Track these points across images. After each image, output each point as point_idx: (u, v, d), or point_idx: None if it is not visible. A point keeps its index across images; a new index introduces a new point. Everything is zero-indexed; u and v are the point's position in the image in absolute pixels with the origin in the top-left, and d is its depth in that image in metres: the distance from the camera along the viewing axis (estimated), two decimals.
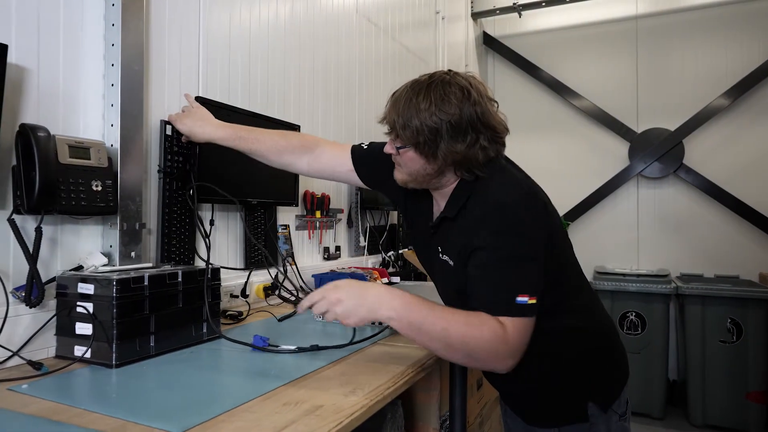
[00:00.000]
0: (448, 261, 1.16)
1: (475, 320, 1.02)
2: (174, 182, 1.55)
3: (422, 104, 1.07)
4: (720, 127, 4.09)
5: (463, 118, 1.06)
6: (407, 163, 1.15)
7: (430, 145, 1.08)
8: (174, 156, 1.55)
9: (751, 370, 3.31)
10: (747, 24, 4.02)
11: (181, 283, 1.24)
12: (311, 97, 2.34)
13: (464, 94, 1.07)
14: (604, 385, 1.19)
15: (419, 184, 1.19)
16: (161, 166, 1.52)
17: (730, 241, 4.04)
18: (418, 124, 1.07)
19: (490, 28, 4.90)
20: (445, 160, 1.10)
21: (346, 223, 2.60)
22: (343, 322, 1.05)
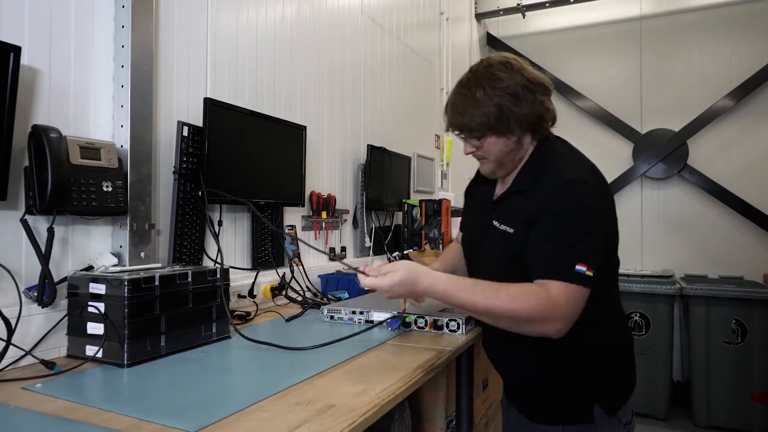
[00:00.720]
0: (506, 230, 1.22)
1: (518, 293, 1.08)
2: (188, 183, 1.56)
3: (477, 93, 1.18)
4: (724, 128, 4.08)
5: (516, 85, 1.17)
6: (491, 150, 1.24)
7: (502, 121, 1.18)
8: (189, 157, 1.56)
9: (756, 371, 3.30)
10: (751, 24, 4.01)
11: (191, 283, 1.24)
12: (317, 98, 2.35)
13: (506, 66, 1.19)
14: (614, 390, 1.21)
15: (505, 167, 1.27)
16: (176, 167, 1.53)
17: (734, 242, 4.04)
18: (484, 110, 1.18)
19: (494, 28, 4.90)
20: (520, 127, 1.20)
21: (352, 224, 2.60)
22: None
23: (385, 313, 1.52)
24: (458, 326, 1.43)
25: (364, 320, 1.56)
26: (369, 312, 1.55)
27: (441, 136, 3.80)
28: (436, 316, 1.46)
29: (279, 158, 1.93)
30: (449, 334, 1.43)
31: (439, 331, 1.45)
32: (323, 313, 1.62)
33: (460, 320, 1.43)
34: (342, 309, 1.59)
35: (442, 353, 1.23)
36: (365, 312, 1.56)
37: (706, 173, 4.10)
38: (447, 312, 1.52)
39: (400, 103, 3.18)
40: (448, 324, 1.44)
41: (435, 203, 2.81)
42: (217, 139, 1.61)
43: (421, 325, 1.48)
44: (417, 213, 2.85)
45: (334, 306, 1.63)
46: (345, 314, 1.59)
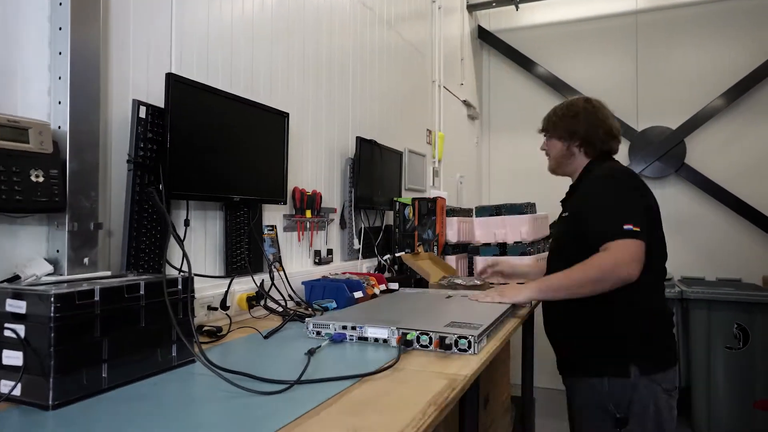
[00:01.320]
0: (564, 215, 1.71)
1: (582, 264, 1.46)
2: (146, 175, 1.31)
3: (560, 111, 1.76)
4: (722, 126, 3.96)
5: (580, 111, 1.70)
6: (551, 149, 1.78)
7: (564, 130, 1.72)
8: (148, 144, 1.31)
9: (759, 378, 3.17)
10: (749, 20, 3.89)
11: (143, 296, 1.00)
12: (301, 83, 2.11)
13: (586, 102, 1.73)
14: (649, 356, 1.48)
15: (561, 167, 1.78)
16: (131, 155, 1.28)
17: (732, 242, 3.91)
18: (556, 119, 1.75)
19: (485, 21, 4.72)
20: (572, 138, 1.70)
21: (339, 224, 2.37)
22: (508, 300, 1.61)
23: (382, 329, 1.29)
24: (469, 345, 1.20)
25: (357, 336, 1.32)
26: (363, 327, 1.31)
27: (433, 131, 3.59)
28: (443, 332, 1.23)
29: (257, 148, 1.69)
30: (459, 354, 1.21)
31: (446, 351, 1.22)
32: (308, 328, 1.38)
33: (471, 337, 1.20)
34: (330, 323, 1.35)
35: (456, 381, 1.00)
36: (358, 327, 1.32)
37: (704, 172, 3.97)
38: (455, 326, 1.29)
39: (390, 94, 2.95)
40: (457, 342, 1.22)
41: (429, 202, 2.59)
42: (181, 122, 1.36)
43: (424, 343, 1.24)
44: (409, 212, 2.62)
45: (319, 319, 1.39)
46: (333, 329, 1.35)
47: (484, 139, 4.79)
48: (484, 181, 4.79)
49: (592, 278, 1.42)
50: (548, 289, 1.53)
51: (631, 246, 1.39)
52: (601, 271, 1.41)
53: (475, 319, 1.37)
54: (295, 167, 2.04)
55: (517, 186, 4.44)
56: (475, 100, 4.58)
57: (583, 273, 1.44)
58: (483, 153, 4.80)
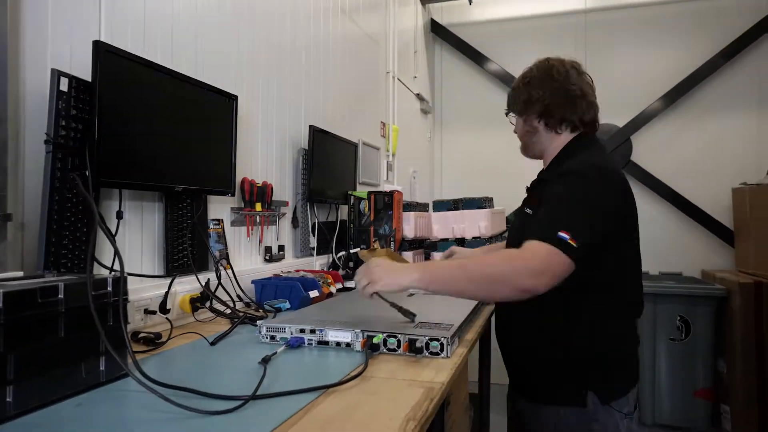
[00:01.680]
0: (528, 212, 1.37)
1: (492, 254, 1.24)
2: (70, 158, 1.12)
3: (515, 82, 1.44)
4: (665, 125, 4.09)
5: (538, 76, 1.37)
6: (516, 129, 1.46)
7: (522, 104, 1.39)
8: (71, 122, 1.12)
9: (699, 368, 3.28)
10: (692, 23, 4.03)
11: (62, 301, 0.83)
12: (251, 66, 1.94)
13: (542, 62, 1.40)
14: (609, 382, 1.25)
15: (527, 148, 1.45)
16: (50, 135, 1.09)
17: (673, 237, 4.05)
18: (513, 92, 1.43)
19: (438, 15, 4.66)
20: (527, 109, 1.38)
21: (291, 223, 2.22)
22: (377, 287, 1.16)
23: (345, 332, 1.17)
24: (442, 347, 1.11)
25: (316, 341, 1.19)
26: (323, 330, 1.19)
27: (387, 123, 3.49)
28: (413, 335, 1.13)
29: (202, 133, 1.52)
30: (430, 358, 1.11)
31: (416, 355, 1.12)
32: (260, 332, 1.24)
33: (444, 339, 1.11)
34: (286, 326, 1.22)
35: (433, 390, 0.90)
36: (318, 330, 1.19)
37: (648, 169, 4.09)
38: (424, 327, 1.19)
39: (344, 83, 2.82)
40: (428, 345, 1.11)
41: (385, 195, 2.48)
42: (112, 98, 1.18)
43: (392, 347, 1.14)
44: (365, 207, 2.51)
45: (273, 322, 1.25)
46: (290, 332, 1.22)
47: (437, 133, 4.74)
48: (437, 176, 4.75)
49: (487, 276, 1.11)
50: (434, 279, 1.14)
51: (550, 256, 1.08)
52: (500, 272, 1.10)
53: (443, 318, 1.28)
54: (244, 156, 1.88)
55: (469, 182, 4.42)
56: (428, 95, 4.52)
57: (480, 268, 1.13)
58: (435, 148, 4.75)
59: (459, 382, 2.29)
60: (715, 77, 3.94)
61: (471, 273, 1.12)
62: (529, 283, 1.07)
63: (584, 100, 1.34)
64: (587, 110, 1.34)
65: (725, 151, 3.94)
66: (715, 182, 3.93)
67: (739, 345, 3.13)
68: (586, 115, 1.34)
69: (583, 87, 1.34)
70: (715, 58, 3.90)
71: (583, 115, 1.34)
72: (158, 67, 1.35)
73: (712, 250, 3.97)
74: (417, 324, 1.23)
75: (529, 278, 1.07)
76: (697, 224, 3.98)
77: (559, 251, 1.08)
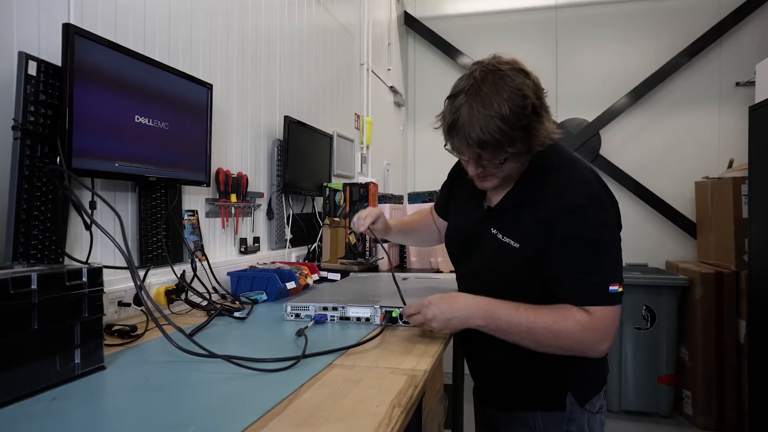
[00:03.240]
0: (510, 243, 1.13)
1: (558, 315, 1.05)
2: (39, 145, 1.08)
3: (503, 110, 1.00)
4: (632, 120, 4.20)
5: (535, 98, 1.03)
6: (506, 170, 1.11)
7: (528, 143, 1.04)
8: (40, 108, 1.08)
9: (663, 355, 3.40)
10: (656, 22, 4.14)
11: (36, 292, 0.80)
12: (225, 54, 1.90)
13: (522, 73, 1.05)
14: (586, 381, 1.21)
15: (510, 180, 1.16)
16: (18, 120, 1.05)
17: (639, 229, 4.18)
18: (512, 134, 1.01)
19: (411, 8, 4.66)
20: (539, 144, 1.07)
21: (266, 215, 2.19)
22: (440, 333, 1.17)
23: (365, 308, 1.28)
24: None
25: (338, 317, 1.31)
26: (345, 307, 1.30)
27: (361, 115, 3.47)
28: None
29: (176, 122, 1.48)
30: None
31: None
32: (286, 311, 1.35)
33: None
34: (310, 305, 1.32)
35: (415, 378, 0.91)
36: (340, 307, 1.30)
37: (616, 163, 4.19)
38: None
39: (319, 74, 2.79)
40: None
41: (361, 187, 2.47)
42: (84, 83, 1.14)
43: (407, 321, 1.24)
44: (340, 198, 2.49)
45: (296, 302, 1.35)
46: (314, 310, 1.32)
47: (410, 127, 4.76)
48: (410, 169, 4.77)
49: (558, 345, 1.06)
50: (498, 328, 1.09)
51: (611, 316, 1.04)
52: (574, 345, 1.05)
53: None
54: (219, 147, 1.85)
55: (442, 175, 4.42)
56: (401, 88, 4.52)
57: (553, 336, 1.05)
58: (409, 141, 4.76)
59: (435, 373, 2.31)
60: (680, 74, 4.07)
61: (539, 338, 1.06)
62: (598, 351, 1.07)
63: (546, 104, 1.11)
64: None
65: (689, 145, 4.08)
66: (679, 176, 4.06)
67: (701, 332, 3.26)
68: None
69: (542, 96, 1.09)
70: (679, 56, 4.03)
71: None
72: (131, 53, 1.31)
73: (675, 242, 4.11)
74: None
75: (600, 346, 1.06)
76: (662, 217, 4.11)
77: (615, 307, 1.06)
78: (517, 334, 1.08)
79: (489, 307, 1.10)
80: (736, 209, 3.25)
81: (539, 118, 1.04)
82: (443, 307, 1.11)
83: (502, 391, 1.27)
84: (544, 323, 1.05)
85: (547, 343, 1.07)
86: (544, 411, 1.20)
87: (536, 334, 1.06)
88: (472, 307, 1.11)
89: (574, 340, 1.05)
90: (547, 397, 1.20)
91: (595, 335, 1.04)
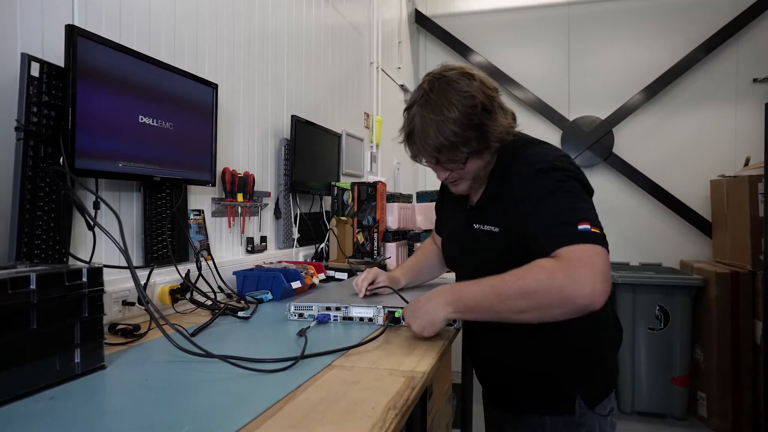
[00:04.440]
0: (491, 229, 1.16)
1: (523, 270, 0.99)
2: (42, 146, 1.09)
3: (452, 114, 1.07)
4: (646, 117, 4.14)
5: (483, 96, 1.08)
6: (471, 170, 1.17)
7: (483, 140, 1.11)
8: (43, 109, 1.09)
9: (677, 356, 3.34)
10: (671, 19, 4.07)
11: (35, 292, 0.81)
12: (231, 53, 1.91)
13: (467, 78, 1.10)
14: (595, 386, 1.18)
15: (480, 180, 1.21)
16: (21, 122, 1.06)
17: (653, 228, 4.12)
18: (465, 134, 1.08)
19: (422, 5, 4.64)
20: (498, 141, 1.13)
21: (273, 214, 2.19)
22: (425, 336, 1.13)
23: (367, 308, 1.28)
24: (455, 320, 1.22)
25: (341, 317, 1.30)
26: (348, 308, 1.30)
27: (371, 114, 3.47)
28: None
29: (181, 122, 1.49)
30: (444, 329, 1.19)
31: None
32: (289, 311, 1.35)
33: None
34: (313, 305, 1.32)
35: (413, 379, 0.90)
36: (343, 308, 1.30)
37: (629, 161, 4.13)
38: None
39: (328, 73, 2.79)
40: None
41: (369, 186, 2.47)
42: (87, 84, 1.15)
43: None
44: (348, 198, 2.49)
45: (299, 302, 1.36)
46: (317, 310, 1.32)
47: None
48: (420, 168, 4.75)
49: (536, 303, 0.97)
50: (471, 310, 1.05)
51: (590, 254, 0.94)
52: (551, 295, 0.94)
53: None
54: (225, 146, 1.85)
55: None
56: (412, 86, 4.50)
57: (520, 292, 0.98)
58: None
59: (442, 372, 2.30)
60: (695, 71, 4.00)
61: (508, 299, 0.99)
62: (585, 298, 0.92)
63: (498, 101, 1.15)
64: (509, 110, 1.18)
65: (704, 143, 4.01)
66: (694, 174, 3.99)
67: (716, 333, 3.20)
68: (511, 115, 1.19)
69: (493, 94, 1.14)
70: (694, 52, 3.96)
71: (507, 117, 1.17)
72: (135, 53, 1.32)
73: (690, 241, 4.04)
74: None
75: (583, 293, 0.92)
76: (676, 215, 4.05)
77: (593, 245, 0.95)
78: (490, 307, 1.02)
79: (452, 289, 1.09)
80: (752, 208, 3.18)
81: (491, 115, 1.10)
82: (411, 309, 1.15)
83: (510, 395, 1.25)
84: (510, 283, 0.98)
85: (522, 304, 0.97)
86: (553, 416, 1.17)
87: (507, 298, 0.99)
88: (435, 297, 1.10)
89: (546, 290, 0.94)
90: (555, 402, 1.17)
91: (569, 277, 0.92)
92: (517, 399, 1.23)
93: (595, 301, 0.92)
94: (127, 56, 1.28)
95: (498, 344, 1.21)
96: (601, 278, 0.92)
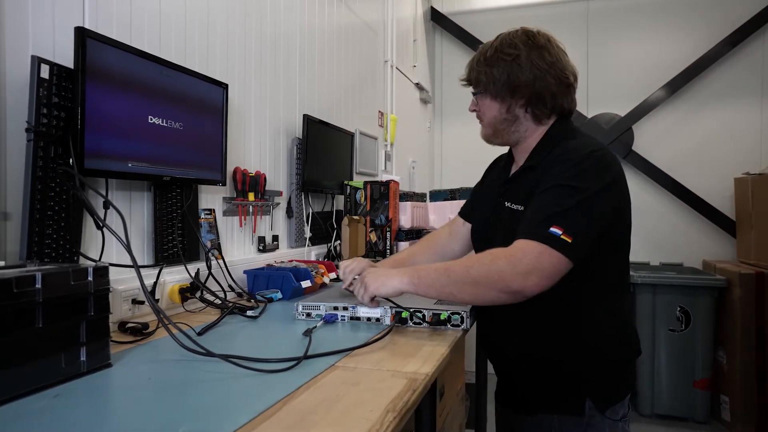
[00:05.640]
0: (518, 209, 1.18)
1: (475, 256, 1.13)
2: (52, 147, 1.11)
3: (488, 53, 1.20)
4: (667, 114, 4.04)
5: (527, 58, 1.15)
6: (486, 112, 1.24)
7: (497, 84, 1.18)
8: (53, 110, 1.11)
9: (699, 358, 3.27)
10: (694, 12, 3.97)
11: (40, 291, 0.82)
12: (242, 53, 1.92)
13: (528, 37, 1.18)
14: (606, 388, 1.17)
15: (499, 136, 1.27)
16: (31, 123, 1.08)
17: (674, 228, 4.03)
18: (486, 68, 1.20)
19: (438, 3, 4.61)
20: (512, 97, 1.18)
21: (285, 213, 2.20)
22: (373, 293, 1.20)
23: (374, 308, 1.27)
24: (462, 320, 1.23)
25: (348, 317, 1.31)
26: (355, 308, 1.30)
27: (385, 113, 3.46)
28: (436, 310, 1.25)
29: (190, 122, 1.50)
30: (453, 330, 1.23)
31: (439, 326, 1.25)
32: (297, 310, 1.35)
33: (464, 313, 1.23)
34: (321, 305, 1.33)
35: (415, 381, 0.89)
36: (351, 307, 1.30)
37: (650, 159, 4.05)
38: (444, 303, 1.30)
39: (341, 72, 2.79)
40: (450, 318, 1.23)
41: (381, 185, 2.46)
42: (96, 85, 1.16)
43: (417, 321, 1.25)
44: (361, 197, 2.49)
45: (307, 301, 1.36)
46: (324, 309, 1.33)
47: (437, 123, 4.71)
48: (437, 166, 4.72)
49: (470, 278, 1.04)
50: (421, 282, 1.13)
51: (541, 255, 0.99)
52: (484, 273, 1.02)
53: None
54: (236, 146, 1.86)
55: (470, 172, 4.34)
56: (428, 84, 4.48)
57: (462, 270, 1.07)
58: (435, 138, 4.72)
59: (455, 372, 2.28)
60: (719, 65, 3.89)
61: (454, 275, 1.07)
62: (516, 284, 1.00)
63: (574, 88, 1.21)
64: (573, 96, 1.22)
65: (728, 140, 3.90)
66: (717, 172, 3.89)
67: (739, 335, 3.11)
68: (573, 103, 1.23)
69: (574, 72, 1.20)
70: (718, 46, 3.85)
71: (571, 104, 1.22)
72: (144, 54, 1.33)
73: (713, 241, 3.94)
74: (436, 301, 1.32)
75: (517, 279, 0.99)
76: (699, 214, 3.95)
77: (550, 248, 0.99)
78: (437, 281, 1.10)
79: (415, 268, 1.18)
80: None
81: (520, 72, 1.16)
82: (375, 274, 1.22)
83: (520, 391, 1.26)
84: (460, 264, 1.10)
85: (462, 279, 1.06)
86: (561, 415, 1.17)
87: (453, 274, 1.08)
88: (400, 272, 1.18)
89: (487, 272, 1.03)
90: (564, 400, 1.17)
91: (510, 263, 1.01)
92: (526, 396, 1.24)
93: (527, 288, 1.00)
94: (136, 57, 1.29)
95: (512, 331, 1.23)
96: (538, 273, 0.99)
